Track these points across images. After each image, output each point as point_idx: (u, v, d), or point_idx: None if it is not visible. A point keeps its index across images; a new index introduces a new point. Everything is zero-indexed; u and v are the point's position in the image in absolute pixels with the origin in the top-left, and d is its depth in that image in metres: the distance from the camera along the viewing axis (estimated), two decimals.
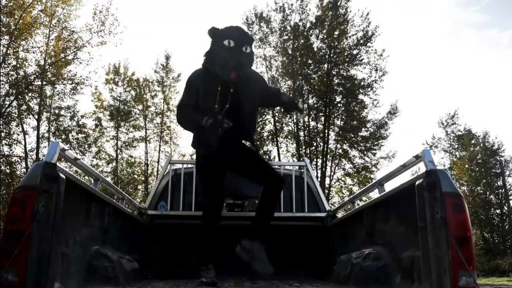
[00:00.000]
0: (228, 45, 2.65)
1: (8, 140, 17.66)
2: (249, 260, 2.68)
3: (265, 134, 21.14)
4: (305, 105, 20.82)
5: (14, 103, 17.47)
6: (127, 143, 23.18)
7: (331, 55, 20.57)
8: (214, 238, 2.79)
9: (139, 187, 23.29)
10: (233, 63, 2.62)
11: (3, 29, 15.58)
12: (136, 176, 23.44)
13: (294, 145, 21.12)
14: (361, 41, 20.28)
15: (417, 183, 1.87)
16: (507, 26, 44.12)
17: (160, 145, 23.40)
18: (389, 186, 2.61)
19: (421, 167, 2.00)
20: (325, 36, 20.61)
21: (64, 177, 1.80)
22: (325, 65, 20.64)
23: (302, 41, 20.54)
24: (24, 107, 18.13)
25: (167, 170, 3.95)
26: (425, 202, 1.79)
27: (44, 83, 18.02)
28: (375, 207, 2.51)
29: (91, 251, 2.26)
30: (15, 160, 17.98)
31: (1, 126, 16.72)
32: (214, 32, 2.74)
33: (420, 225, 1.81)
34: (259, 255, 2.68)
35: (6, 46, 16.00)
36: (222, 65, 2.63)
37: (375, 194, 2.78)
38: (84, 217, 2.24)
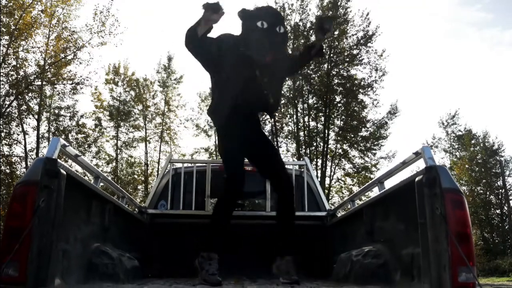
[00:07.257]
0: (261, 26, 2.54)
1: (8, 140, 17.65)
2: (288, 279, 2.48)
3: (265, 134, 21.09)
4: (305, 105, 20.82)
5: (14, 103, 17.45)
6: (127, 143, 23.18)
7: (331, 55, 20.54)
8: (224, 223, 2.59)
9: (139, 187, 23.27)
10: (269, 45, 2.52)
11: (3, 29, 15.58)
12: (136, 176, 23.42)
13: (294, 145, 21.10)
14: (361, 41, 20.27)
15: (416, 179, 1.86)
16: (509, 25, 44.07)
17: (160, 145, 23.42)
18: (389, 184, 2.61)
19: (420, 166, 1.99)
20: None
21: (64, 173, 1.80)
22: (325, 65, 20.62)
23: (302, 41, 20.51)
24: (24, 107, 18.10)
25: (167, 170, 3.95)
26: (424, 199, 1.78)
27: (44, 83, 17.99)
28: (375, 205, 2.50)
29: (91, 248, 2.26)
30: (15, 160, 17.99)
31: (1, 126, 16.72)
32: (245, 14, 2.62)
33: (420, 221, 1.81)
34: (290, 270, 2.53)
35: (6, 46, 16.00)
36: (258, 47, 2.52)
37: (375, 193, 2.78)
38: (84, 214, 2.24)
